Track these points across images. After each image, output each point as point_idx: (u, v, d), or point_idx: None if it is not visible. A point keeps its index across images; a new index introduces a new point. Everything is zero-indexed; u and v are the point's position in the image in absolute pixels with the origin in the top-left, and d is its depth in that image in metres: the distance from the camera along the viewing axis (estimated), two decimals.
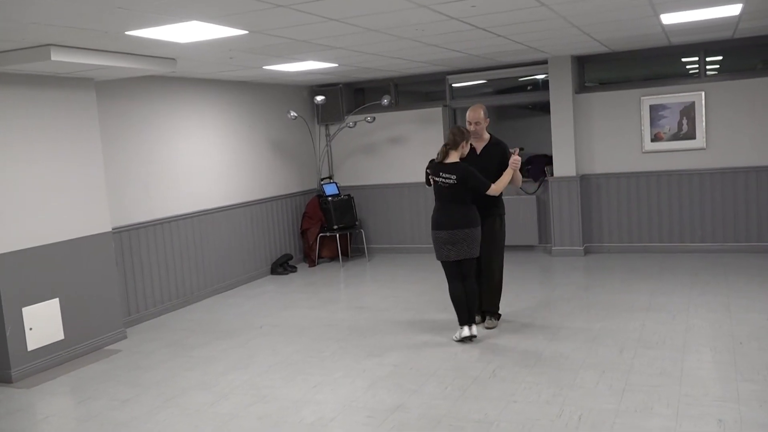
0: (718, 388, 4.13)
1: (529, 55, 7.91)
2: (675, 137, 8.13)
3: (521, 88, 9.65)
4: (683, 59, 8.44)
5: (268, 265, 8.72)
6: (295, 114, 8.79)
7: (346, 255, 9.38)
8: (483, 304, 5.69)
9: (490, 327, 5.63)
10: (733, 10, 5.70)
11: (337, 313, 6.68)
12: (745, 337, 5.00)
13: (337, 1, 4.20)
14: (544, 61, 8.48)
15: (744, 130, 7.87)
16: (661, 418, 3.76)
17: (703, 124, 7.99)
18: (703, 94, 7.97)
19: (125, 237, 6.57)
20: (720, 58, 8.30)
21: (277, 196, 8.91)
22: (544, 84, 8.86)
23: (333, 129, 9.69)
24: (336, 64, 7.30)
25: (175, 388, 4.82)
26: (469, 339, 5.29)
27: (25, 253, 5.30)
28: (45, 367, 5.43)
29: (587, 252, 8.59)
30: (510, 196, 8.79)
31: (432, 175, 5.29)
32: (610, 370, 4.55)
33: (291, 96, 9.28)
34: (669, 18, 5.86)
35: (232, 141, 8.18)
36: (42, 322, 5.41)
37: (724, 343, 4.93)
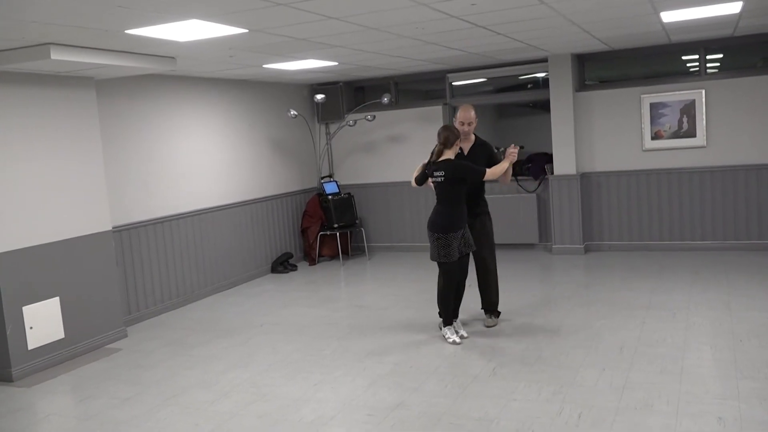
0: (718, 386, 4.13)
1: (529, 53, 7.90)
2: (675, 135, 8.13)
3: (521, 87, 9.64)
4: (683, 57, 8.43)
5: (268, 263, 8.72)
6: (295, 112, 8.79)
7: (346, 253, 9.38)
8: (483, 302, 5.72)
9: (490, 325, 5.63)
10: (734, 7, 5.70)
11: (338, 311, 6.68)
12: (746, 335, 5.00)
13: (337, 0, 4.20)
14: (544, 59, 8.47)
15: (744, 128, 7.86)
16: (662, 416, 3.76)
17: (704, 122, 7.98)
18: (703, 92, 7.97)
19: (125, 236, 6.57)
20: (720, 56, 8.29)
21: (277, 195, 8.91)
22: (545, 82, 8.85)
23: (333, 127, 9.69)
24: (336, 63, 7.30)
25: (175, 387, 4.82)
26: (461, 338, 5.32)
27: (26, 252, 5.30)
28: (45, 366, 5.43)
29: (587, 250, 8.59)
30: (510, 194, 8.82)
31: (429, 176, 5.31)
32: (610, 368, 4.55)
33: (291, 94, 9.27)
34: (669, 16, 5.85)
35: (232, 139, 8.18)
36: (42, 321, 5.42)
37: (725, 340, 4.93)
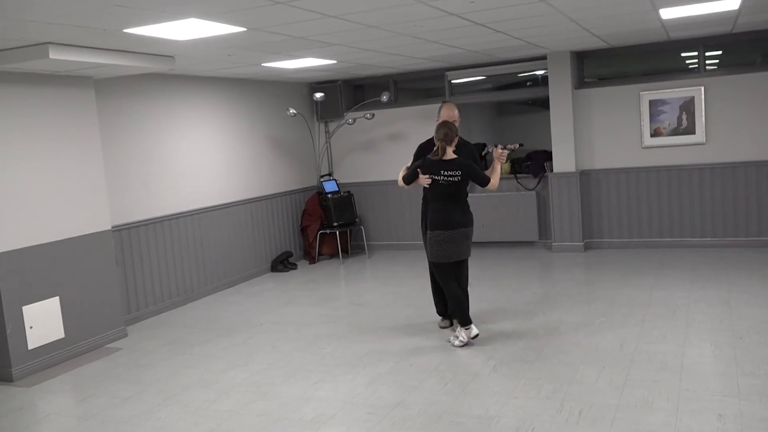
0: (718, 383, 4.13)
1: (528, 51, 7.90)
2: (674, 132, 8.13)
3: (520, 84, 9.63)
4: (682, 54, 8.43)
5: (268, 262, 8.72)
6: (294, 111, 8.78)
7: (346, 252, 9.38)
8: (449, 309, 5.46)
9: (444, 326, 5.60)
10: (733, 4, 5.69)
11: (337, 310, 6.68)
12: (746, 332, 5.00)
13: None
14: (544, 57, 8.47)
15: (744, 124, 7.86)
16: (662, 413, 3.76)
17: (703, 118, 7.98)
18: (702, 88, 7.96)
19: (125, 235, 6.57)
20: (719, 52, 8.29)
21: (276, 194, 8.91)
22: (544, 80, 8.85)
23: (332, 126, 9.69)
24: (335, 61, 7.29)
25: (175, 386, 4.83)
26: (474, 338, 5.16)
27: (25, 252, 5.30)
28: (45, 366, 5.43)
29: (587, 248, 8.59)
30: (510, 192, 8.82)
31: (430, 174, 5.06)
32: (610, 365, 4.56)
33: (290, 93, 9.27)
34: (668, 13, 5.85)
35: (231, 138, 8.17)
36: (42, 321, 5.42)
37: (725, 337, 4.93)
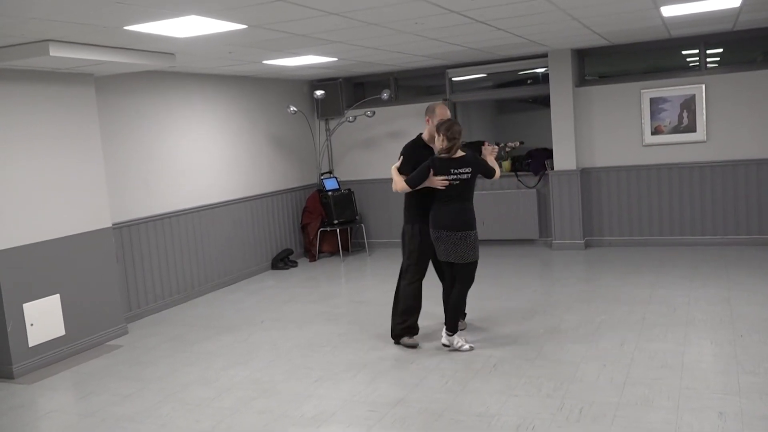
0: (718, 381, 4.13)
1: (529, 49, 7.89)
2: (675, 130, 8.12)
3: (521, 82, 9.63)
4: (683, 52, 8.42)
5: (268, 260, 8.72)
6: (294, 109, 8.78)
7: (346, 250, 9.38)
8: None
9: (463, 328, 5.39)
10: (734, 1, 5.68)
11: (338, 307, 6.68)
12: (746, 330, 5.00)
13: None
14: (544, 55, 8.46)
15: (744, 122, 7.85)
16: (662, 411, 3.76)
17: (704, 116, 7.97)
18: (703, 86, 7.96)
19: (125, 232, 6.56)
20: (720, 50, 8.27)
21: (277, 191, 8.91)
22: (544, 77, 8.84)
23: (333, 123, 9.68)
24: (335, 59, 7.29)
25: (176, 383, 4.83)
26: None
27: (26, 249, 5.30)
28: (46, 363, 5.44)
29: (588, 245, 8.59)
30: (510, 190, 8.82)
31: (441, 175, 4.86)
32: (610, 363, 4.56)
33: (291, 91, 9.26)
34: (669, 10, 5.84)
35: (232, 136, 8.17)
36: (43, 318, 5.42)
37: (725, 335, 4.93)
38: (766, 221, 7.85)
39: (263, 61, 6.97)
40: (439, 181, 4.86)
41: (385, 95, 8.98)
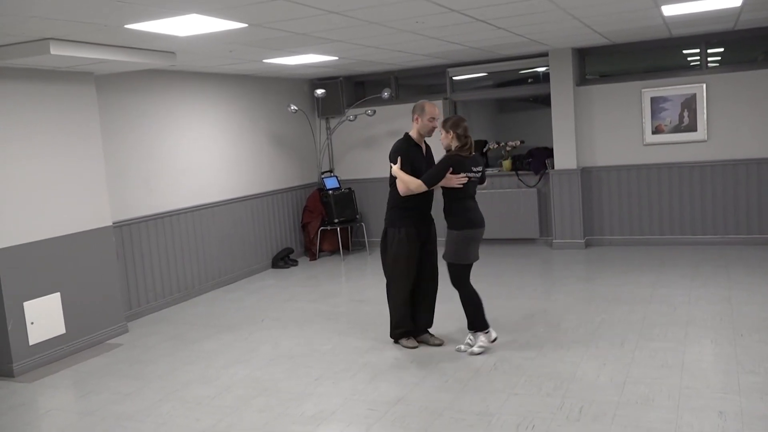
0: (719, 381, 4.13)
1: (530, 48, 7.88)
2: (676, 129, 8.12)
3: (522, 81, 9.63)
4: (684, 51, 8.41)
5: (269, 258, 8.72)
6: (295, 107, 8.78)
7: (347, 248, 9.38)
8: (427, 320, 5.25)
9: (438, 344, 5.20)
10: (735, 1, 5.68)
11: (338, 306, 6.68)
12: (746, 329, 5.00)
13: None
14: (545, 54, 8.45)
15: (745, 122, 7.85)
16: (662, 411, 3.76)
17: (705, 116, 7.97)
18: (704, 86, 7.95)
19: (126, 231, 6.57)
20: (721, 49, 8.27)
21: (277, 190, 8.91)
22: (545, 76, 8.84)
23: (333, 122, 9.68)
24: (336, 58, 7.28)
25: (176, 382, 4.83)
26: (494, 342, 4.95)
27: (26, 248, 5.30)
28: (46, 362, 5.44)
29: (588, 245, 8.59)
30: (511, 189, 8.82)
31: (463, 172, 4.77)
32: (611, 362, 4.56)
33: (291, 89, 9.26)
34: (670, 9, 5.83)
35: (232, 135, 8.17)
36: (43, 317, 5.42)
37: (725, 335, 4.93)
38: (767, 221, 7.85)
39: (264, 60, 6.97)
40: (456, 180, 4.75)
41: (385, 94, 8.97)
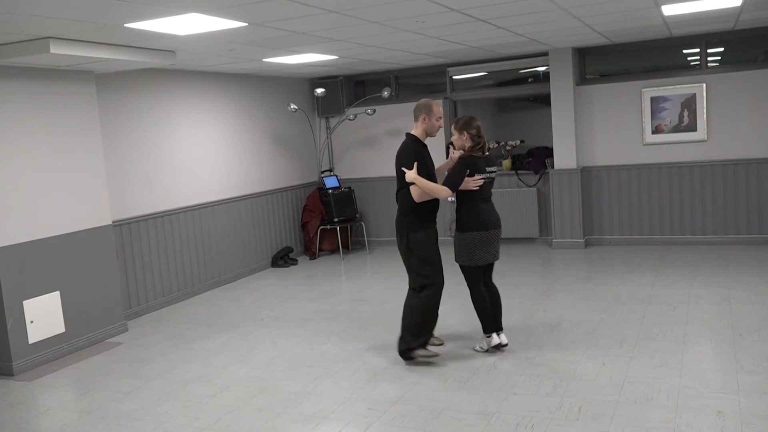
0: (718, 380, 4.13)
1: (530, 47, 7.88)
2: (676, 129, 8.12)
3: (522, 80, 9.62)
4: (684, 51, 8.41)
5: (268, 257, 8.72)
6: (295, 107, 8.78)
7: (346, 248, 9.39)
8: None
9: (439, 344, 5.16)
10: (735, 0, 5.68)
11: (338, 305, 6.69)
12: (746, 329, 5.00)
13: None
14: (545, 53, 8.45)
15: (745, 121, 7.85)
16: (662, 410, 3.77)
17: (704, 115, 7.97)
18: (704, 85, 7.95)
19: (126, 230, 6.57)
20: (721, 49, 8.27)
21: (277, 189, 8.91)
22: (545, 76, 8.84)
23: (333, 121, 9.68)
24: (336, 57, 7.28)
25: (176, 381, 4.83)
26: (499, 347, 4.89)
27: (26, 246, 5.30)
28: (46, 360, 5.44)
29: (588, 244, 8.59)
30: (511, 188, 8.82)
31: (479, 174, 4.71)
32: (610, 361, 4.56)
33: (291, 88, 9.26)
34: (670, 9, 5.84)
35: (232, 134, 8.17)
36: (43, 315, 5.42)
37: (725, 334, 4.93)
38: (767, 220, 7.85)
39: (264, 59, 6.97)
40: (473, 182, 4.69)
41: (385, 93, 8.97)
